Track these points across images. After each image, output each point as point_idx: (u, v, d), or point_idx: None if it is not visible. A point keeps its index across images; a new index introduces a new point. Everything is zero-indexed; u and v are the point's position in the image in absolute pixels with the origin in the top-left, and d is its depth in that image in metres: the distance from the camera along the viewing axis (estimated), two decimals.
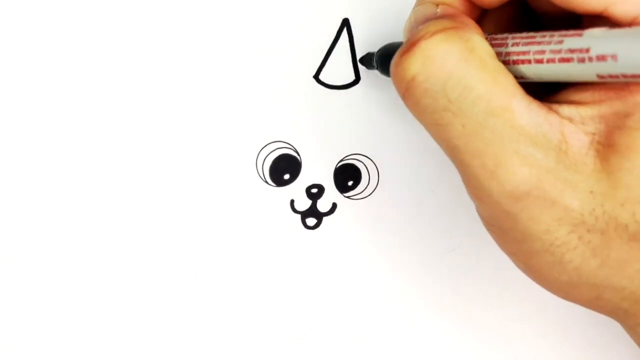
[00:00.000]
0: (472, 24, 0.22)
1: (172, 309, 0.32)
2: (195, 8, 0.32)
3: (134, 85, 0.32)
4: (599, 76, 0.20)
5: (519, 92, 0.21)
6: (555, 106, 0.21)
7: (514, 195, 0.21)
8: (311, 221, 0.32)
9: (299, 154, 0.32)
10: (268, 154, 0.32)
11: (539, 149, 0.20)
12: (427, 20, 0.23)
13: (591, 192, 0.20)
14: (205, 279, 0.32)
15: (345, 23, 0.32)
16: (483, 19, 0.24)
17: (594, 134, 0.21)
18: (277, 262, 0.32)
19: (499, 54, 0.22)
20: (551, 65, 0.21)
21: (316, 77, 0.32)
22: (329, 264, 0.32)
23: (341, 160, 0.32)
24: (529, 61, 0.21)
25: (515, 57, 0.22)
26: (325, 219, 0.32)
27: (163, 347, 0.32)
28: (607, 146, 0.20)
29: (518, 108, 0.20)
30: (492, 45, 0.22)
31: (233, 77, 0.32)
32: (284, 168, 0.32)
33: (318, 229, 0.32)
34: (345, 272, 0.32)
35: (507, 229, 0.22)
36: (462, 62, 0.21)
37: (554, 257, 0.21)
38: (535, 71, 0.21)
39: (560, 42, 0.20)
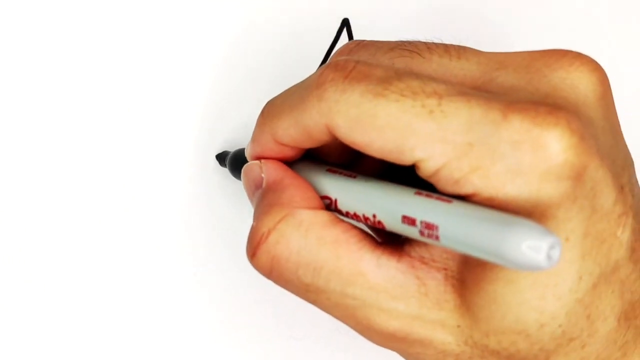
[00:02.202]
0: (298, 195, 0.23)
1: (172, 309, 0.32)
2: (195, 8, 0.32)
3: (134, 85, 0.32)
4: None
5: (365, 252, 0.22)
6: (407, 247, 0.22)
7: (394, 340, 0.22)
8: None
9: None
10: None
11: (399, 301, 0.22)
12: (257, 185, 0.25)
13: (458, 326, 0.22)
14: (205, 279, 0.32)
15: (345, 23, 0.32)
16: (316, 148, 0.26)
17: (446, 269, 0.22)
18: None
19: (333, 209, 0.23)
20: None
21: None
22: None
23: None
24: (361, 221, 0.23)
25: (348, 216, 0.23)
26: None
27: (163, 347, 0.32)
28: (460, 281, 0.22)
29: (368, 269, 0.22)
30: (325, 200, 0.23)
31: (233, 76, 0.32)
32: None
33: None
34: None
35: (406, 357, 0.24)
36: (303, 250, 0.22)
37: None
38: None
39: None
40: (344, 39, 0.32)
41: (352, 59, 0.22)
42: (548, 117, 0.19)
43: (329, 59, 0.23)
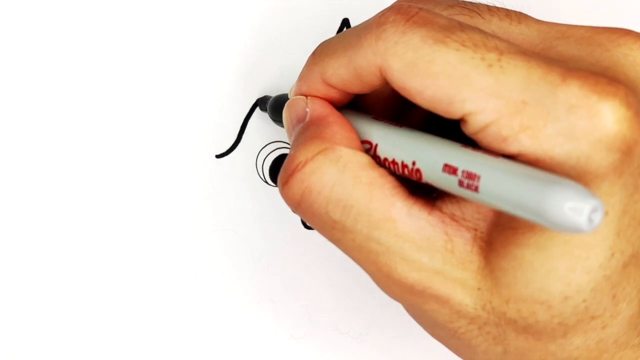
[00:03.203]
0: (340, 133, 0.23)
1: (172, 309, 0.32)
2: (196, 8, 0.32)
3: (134, 85, 0.32)
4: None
5: (398, 198, 0.22)
6: (439, 202, 0.22)
7: (412, 292, 0.22)
8: None
9: None
10: (268, 154, 0.32)
11: (425, 253, 0.21)
12: (300, 120, 0.24)
13: (479, 289, 0.21)
14: (205, 279, 0.32)
15: (345, 23, 0.32)
16: (362, 97, 0.25)
17: (475, 229, 0.22)
18: (277, 262, 0.32)
19: (372, 155, 0.23)
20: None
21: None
22: (329, 263, 0.32)
23: None
24: (397, 171, 0.22)
25: (386, 164, 0.23)
26: None
27: (163, 347, 0.32)
28: (488, 243, 0.21)
29: (398, 216, 0.22)
30: (365, 145, 0.23)
31: (232, 76, 0.32)
32: None
33: None
34: (345, 272, 0.33)
35: (419, 317, 0.24)
36: (337, 186, 0.22)
37: (462, 342, 0.23)
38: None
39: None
40: None
41: (415, 5, 0.21)
42: (607, 87, 0.19)
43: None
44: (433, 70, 0.20)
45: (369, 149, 0.23)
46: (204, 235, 0.32)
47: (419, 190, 0.22)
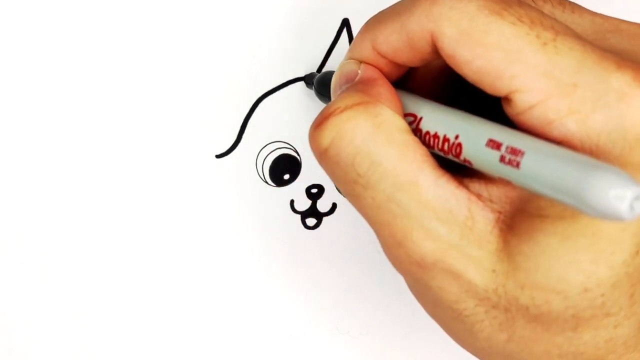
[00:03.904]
0: (386, 94, 0.23)
1: (172, 309, 0.32)
2: (196, 8, 0.32)
3: (134, 85, 0.32)
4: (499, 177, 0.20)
5: (427, 166, 0.21)
6: (467, 180, 0.22)
7: (421, 265, 0.21)
8: (311, 221, 0.32)
9: (298, 154, 0.32)
10: (268, 154, 0.32)
11: (444, 224, 0.21)
12: (349, 79, 0.24)
13: (493, 270, 0.21)
14: (205, 279, 0.32)
15: (345, 23, 0.32)
16: (413, 70, 0.25)
17: (500, 212, 0.21)
18: (277, 262, 0.32)
19: (414, 129, 0.23)
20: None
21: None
22: (329, 264, 0.32)
23: None
24: (437, 146, 0.22)
25: (427, 138, 0.22)
26: (325, 219, 0.32)
27: (163, 347, 0.32)
28: (510, 227, 0.21)
29: (425, 183, 0.21)
30: (408, 117, 0.23)
31: (233, 76, 0.32)
32: (284, 168, 0.32)
33: (318, 229, 0.32)
34: (345, 272, 0.33)
35: (423, 294, 0.23)
36: (369, 139, 0.21)
37: (465, 325, 0.22)
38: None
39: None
40: (344, 39, 0.32)
41: None
42: None
43: None
44: (486, 41, 0.20)
45: (411, 122, 0.23)
46: (204, 235, 0.32)
47: (449, 168, 0.22)
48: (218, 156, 0.32)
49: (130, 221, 0.31)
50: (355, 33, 0.32)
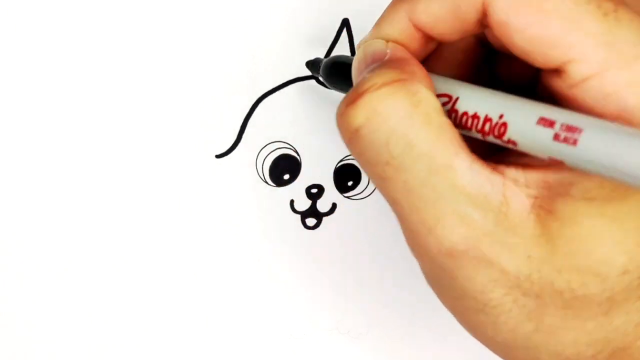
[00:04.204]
0: (420, 73, 0.22)
1: (172, 309, 0.32)
2: (196, 8, 0.32)
3: (134, 85, 0.32)
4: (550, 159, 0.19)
5: (462, 150, 0.20)
6: (502, 167, 0.21)
7: (451, 253, 0.21)
8: (311, 221, 0.32)
9: (298, 154, 0.32)
10: (268, 154, 0.32)
11: (478, 210, 0.20)
12: (376, 60, 0.22)
13: (529, 256, 0.20)
14: (205, 279, 0.32)
15: (345, 23, 0.32)
16: (439, 51, 0.24)
17: (536, 197, 0.20)
18: (277, 262, 0.32)
19: (448, 110, 0.22)
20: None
21: (316, 77, 0.32)
22: (329, 264, 0.32)
23: (341, 161, 0.32)
24: (475, 127, 0.21)
25: (464, 119, 0.21)
26: (325, 219, 0.32)
27: (163, 347, 0.32)
28: (548, 212, 0.20)
29: (460, 167, 0.20)
30: (441, 98, 0.22)
31: (233, 76, 0.32)
32: (284, 168, 0.32)
33: (318, 229, 0.32)
34: (345, 272, 0.33)
35: (445, 285, 0.22)
36: (407, 119, 0.20)
37: (489, 317, 0.21)
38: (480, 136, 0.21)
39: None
40: (344, 39, 0.32)
41: None
42: None
43: None
44: (545, 7, 0.19)
45: (445, 103, 0.22)
46: (204, 235, 0.32)
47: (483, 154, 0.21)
48: (218, 156, 0.32)
49: (130, 221, 0.31)
50: (355, 33, 0.32)
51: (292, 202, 0.32)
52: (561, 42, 0.19)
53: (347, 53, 0.32)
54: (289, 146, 0.32)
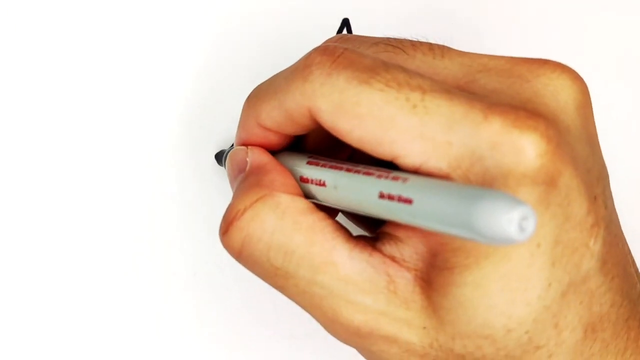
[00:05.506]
0: (279, 180, 0.23)
1: (172, 309, 0.32)
2: (196, 8, 0.32)
3: (134, 85, 0.32)
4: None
5: (338, 242, 0.22)
6: (379, 244, 0.22)
7: (359, 335, 0.22)
8: None
9: None
10: None
11: (368, 295, 0.21)
12: (241, 169, 0.25)
13: (424, 327, 0.21)
14: (205, 279, 0.32)
15: (345, 23, 0.32)
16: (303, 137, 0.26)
17: (415, 270, 0.21)
18: None
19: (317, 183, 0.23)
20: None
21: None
22: None
23: None
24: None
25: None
26: None
27: (163, 347, 0.32)
28: (428, 283, 0.21)
29: (340, 259, 0.22)
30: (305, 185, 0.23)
31: (233, 76, 0.32)
32: None
33: None
34: None
35: (369, 358, 0.23)
36: (277, 232, 0.22)
37: None
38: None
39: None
40: None
41: (340, 45, 0.22)
42: (527, 121, 0.19)
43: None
44: (359, 112, 0.20)
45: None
46: (203, 235, 0.32)
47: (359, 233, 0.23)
48: (218, 156, 0.32)
49: (130, 221, 0.32)
50: (355, 33, 0.32)
51: None
52: (384, 141, 0.20)
53: None
54: None
